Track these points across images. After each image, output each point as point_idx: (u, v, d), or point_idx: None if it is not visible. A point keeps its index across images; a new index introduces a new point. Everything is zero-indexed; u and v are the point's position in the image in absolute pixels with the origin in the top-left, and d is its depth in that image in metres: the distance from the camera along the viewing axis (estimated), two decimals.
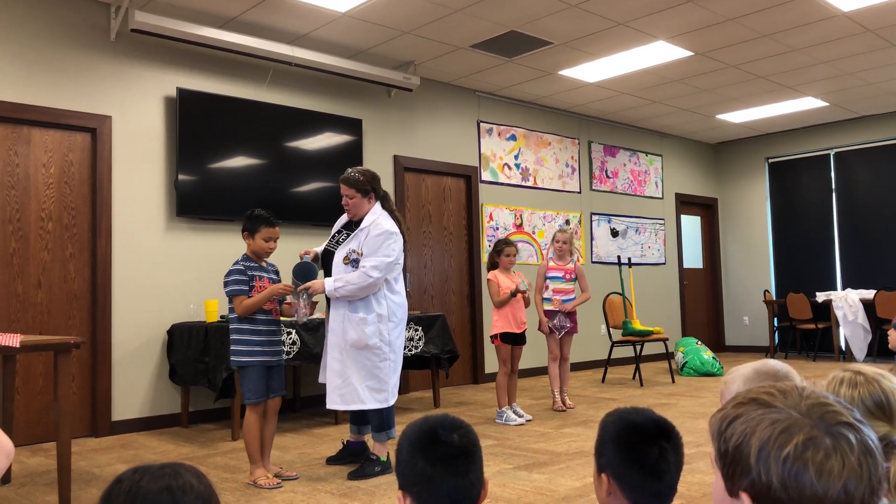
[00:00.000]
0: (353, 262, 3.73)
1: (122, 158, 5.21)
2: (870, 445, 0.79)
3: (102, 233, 5.06)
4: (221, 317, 5.13)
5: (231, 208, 5.56)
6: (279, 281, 3.80)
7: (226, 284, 3.61)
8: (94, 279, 5.06)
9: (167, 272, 5.36)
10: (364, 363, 3.70)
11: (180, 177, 5.36)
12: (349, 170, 4.01)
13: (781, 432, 0.81)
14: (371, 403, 3.70)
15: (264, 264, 3.77)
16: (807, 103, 8.36)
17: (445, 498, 1.25)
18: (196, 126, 5.45)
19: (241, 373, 3.64)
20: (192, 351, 4.99)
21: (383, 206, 3.96)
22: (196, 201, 5.45)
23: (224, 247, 5.62)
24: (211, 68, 5.68)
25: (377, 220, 3.82)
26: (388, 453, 3.80)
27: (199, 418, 5.38)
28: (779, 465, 0.79)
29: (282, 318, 3.80)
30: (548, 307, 5.60)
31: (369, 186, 3.91)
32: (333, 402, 3.75)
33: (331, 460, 4.04)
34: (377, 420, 3.78)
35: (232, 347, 3.64)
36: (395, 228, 3.80)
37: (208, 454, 4.34)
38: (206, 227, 5.59)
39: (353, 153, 6.36)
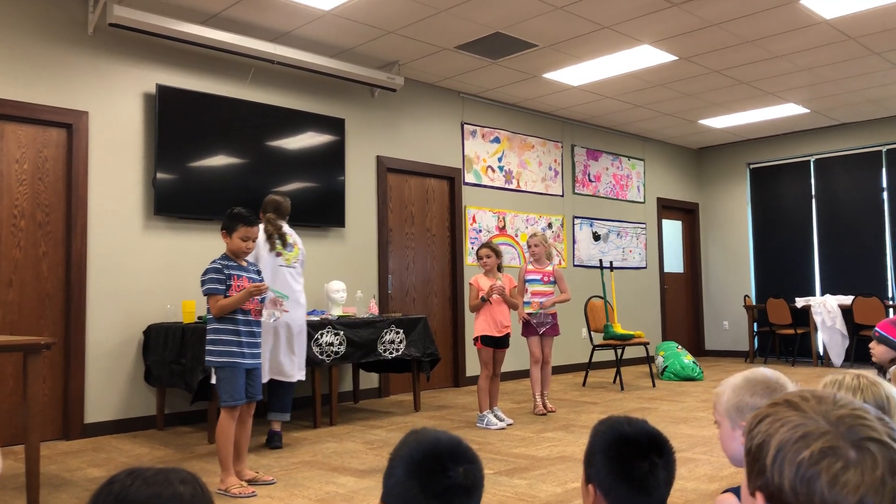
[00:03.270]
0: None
1: (99, 155, 5.10)
2: None
3: (77, 231, 4.95)
4: (199, 317, 5.04)
5: (210, 207, 5.47)
6: (261, 281, 3.74)
7: (202, 283, 3.54)
8: (68, 278, 4.95)
9: (144, 272, 5.26)
10: None
11: (159, 175, 5.26)
12: None
13: (801, 437, 0.79)
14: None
15: (244, 264, 3.70)
16: (788, 110, 8.42)
17: None
18: (175, 123, 5.35)
19: (218, 374, 3.56)
20: (168, 352, 4.90)
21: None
22: (174, 200, 5.35)
23: (203, 247, 5.52)
24: (191, 65, 5.59)
25: None
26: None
27: (174, 421, 5.28)
28: (792, 469, 0.78)
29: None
30: (528, 310, 5.58)
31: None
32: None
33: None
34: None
35: (208, 347, 3.57)
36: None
37: (183, 458, 4.26)
38: (185, 227, 5.49)
39: (335, 153, 6.29)
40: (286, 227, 4.65)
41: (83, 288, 4.96)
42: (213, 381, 3.58)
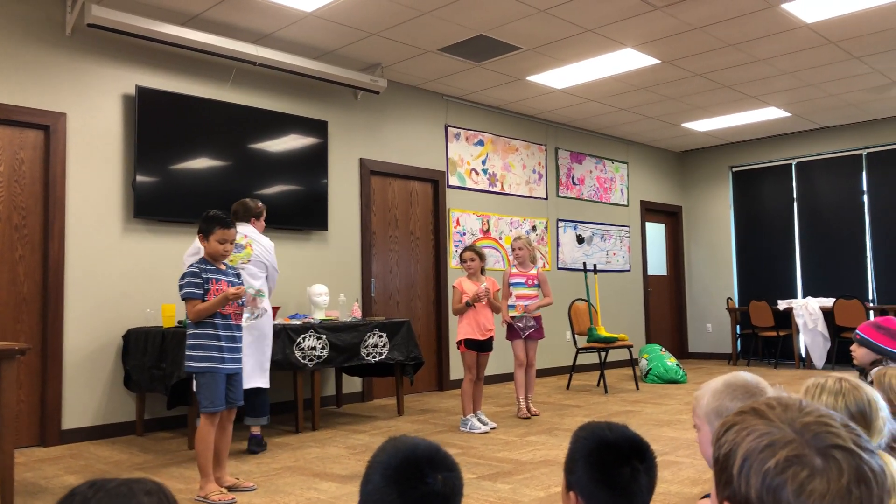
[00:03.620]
0: None
1: (78, 157, 5.03)
2: (867, 474, 0.75)
3: (55, 234, 4.88)
4: (179, 322, 4.98)
5: (191, 210, 5.40)
6: (240, 285, 3.69)
7: (180, 287, 3.49)
8: (45, 282, 4.87)
9: (123, 275, 5.19)
10: None
11: (138, 177, 5.20)
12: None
13: (767, 446, 0.78)
14: None
15: (223, 267, 3.65)
16: (770, 113, 8.48)
17: None
18: (155, 125, 5.29)
19: (198, 380, 3.51)
20: (148, 357, 4.83)
21: None
22: (154, 203, 5.29)
23: (183, 250, 5.45)
24: (172, 66, 5.53)
25: None
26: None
27: (154, 426, 5.21)
28: (759, 478, 0.76)
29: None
30: (512, 313, 5.57)
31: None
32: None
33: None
34: None
35: (187, 353, 3.52)
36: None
37: (163, 464, 4.20)
38: (165, 230, 5.43)
39: (318, 155, 6.25)
40: (241, 227, 4.47)
41: (61, 292, 4.88)
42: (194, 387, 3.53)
